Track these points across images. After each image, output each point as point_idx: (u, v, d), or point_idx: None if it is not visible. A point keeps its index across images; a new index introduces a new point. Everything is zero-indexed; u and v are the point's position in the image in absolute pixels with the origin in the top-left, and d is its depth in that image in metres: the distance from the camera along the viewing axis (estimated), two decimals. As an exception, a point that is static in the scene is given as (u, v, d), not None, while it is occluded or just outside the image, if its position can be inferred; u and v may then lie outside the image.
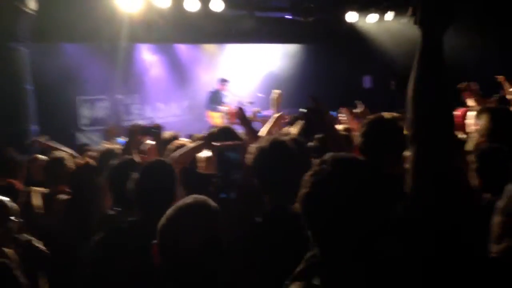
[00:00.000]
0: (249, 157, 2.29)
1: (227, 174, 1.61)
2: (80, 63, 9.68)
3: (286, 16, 10.16)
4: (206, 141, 2.82)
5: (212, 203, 1.69)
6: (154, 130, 3.48)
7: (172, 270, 1.64)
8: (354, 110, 4.82)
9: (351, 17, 10.47)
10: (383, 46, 11.16)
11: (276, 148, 2.24)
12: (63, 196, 3.64)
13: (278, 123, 3.76)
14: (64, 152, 4.36)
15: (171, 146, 3.46)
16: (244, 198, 1.60)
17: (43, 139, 5.25)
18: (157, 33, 9.21)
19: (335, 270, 1.35)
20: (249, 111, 7.97)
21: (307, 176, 1.40)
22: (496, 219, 1.17)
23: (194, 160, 3.14)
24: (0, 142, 6.04)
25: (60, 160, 3.95)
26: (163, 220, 1.67)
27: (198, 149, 3.03)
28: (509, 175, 1.99)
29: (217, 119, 10.00)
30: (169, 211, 1.69)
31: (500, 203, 1.18)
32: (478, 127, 3.20)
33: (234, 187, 1.60)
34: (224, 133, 2.90)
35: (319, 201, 1.35)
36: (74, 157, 4.32)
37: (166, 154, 3.24)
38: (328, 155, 1.42)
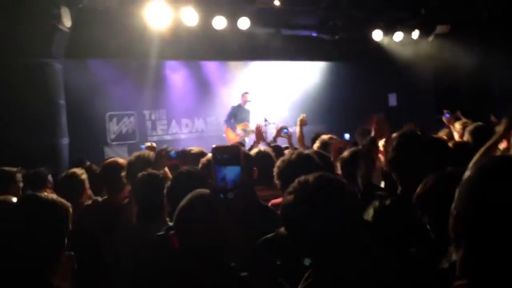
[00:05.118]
0: (276, 169, 2.42)
1: (223, 176, 1.69)
2: (109, 79, 9.91)
3: (313, 34, 10.23)
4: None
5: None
6: (180, 155, 3.60)
7: (188, 254, 1.87)
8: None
9: (377, 35, 10.49)
10: (408, 64, 11.15)
11: (302, 160, 2.35)
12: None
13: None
14: None
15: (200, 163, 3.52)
16: (242, 198, 1.70)
17: None
18: (185, 51, 9.37)
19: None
20: (273, 128, 8.11)
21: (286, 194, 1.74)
22: (450, 222, 1.14)
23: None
24: (33, 155, 6.22)
25: (75, 176, 3.91)
26: (177, 210, 1.97)
27: None
28: None
29: (231, 135, 10.06)
30: (182, 202, 1.98)
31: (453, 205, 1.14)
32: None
33: (231, 188, 1.69)
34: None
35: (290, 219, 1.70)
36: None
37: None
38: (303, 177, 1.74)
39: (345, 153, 3.44)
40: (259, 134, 5.33)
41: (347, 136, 7.52)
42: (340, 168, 3.49)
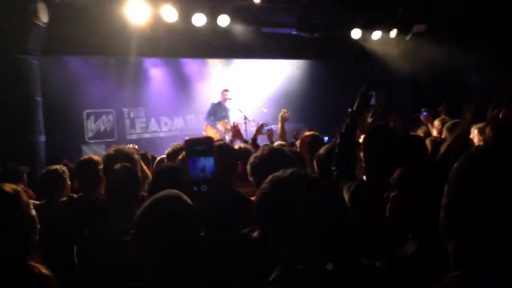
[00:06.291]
0: (248, 166, 2.42)
1: (202, 167, 1.71)
2: (87, 76, 9.80)
3: (292, 32, 10.26)
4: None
5: (184, 196, 1.77)
6: None
7: (150, 257, 1.71)
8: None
9: (356, 33, 10.58)
10: (386, 63, 11.27)
11: (274, 155, 2.36)
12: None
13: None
14: None
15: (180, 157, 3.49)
16: (215, 190, 1.70)
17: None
18: (164, 48, 9.31)
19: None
20: (253, 126, 8.10)
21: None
22: (441, 214, 1.12)
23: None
24: (9, 152, 6.11)
25: (56, 172, 3.85)
26: (139, 212, 1.77)
27: None
28: None
29: (210, 132, 10.00)
30: (145, 203, 1.79)
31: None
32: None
33: (204, 181, 1.70)
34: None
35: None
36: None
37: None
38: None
39: (321, 151, 3.45)
40: (236, 132, 5.32)
41: (326, 138, 7.53)
42: (315, 165, 3.50)
